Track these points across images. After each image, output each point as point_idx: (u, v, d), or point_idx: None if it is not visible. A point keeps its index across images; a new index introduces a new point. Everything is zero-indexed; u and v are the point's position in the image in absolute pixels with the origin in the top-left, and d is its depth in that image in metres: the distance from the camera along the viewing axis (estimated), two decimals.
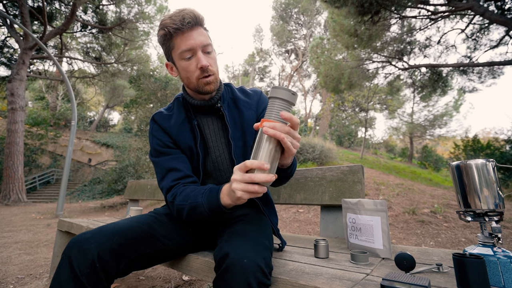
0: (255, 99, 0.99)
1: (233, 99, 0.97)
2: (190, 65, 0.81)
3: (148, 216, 0.86)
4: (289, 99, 0.60)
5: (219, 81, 0.90)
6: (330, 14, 7.62)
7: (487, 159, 0.64)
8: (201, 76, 0.82)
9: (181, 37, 0.79)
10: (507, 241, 2.52)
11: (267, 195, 1.01)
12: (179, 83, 10.79)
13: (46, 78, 13.03)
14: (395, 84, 9.63)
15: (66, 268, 0.62)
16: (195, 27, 0.79)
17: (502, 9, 6.08)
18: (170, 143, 0.91)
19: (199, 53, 0.80)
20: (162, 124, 0.92)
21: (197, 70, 0.81)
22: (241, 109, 0.95)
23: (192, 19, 0.78)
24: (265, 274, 0.60)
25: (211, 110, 0.93)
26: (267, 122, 0.60)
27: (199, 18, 0.80)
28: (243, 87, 1.03)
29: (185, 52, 0.79)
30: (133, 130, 16.61)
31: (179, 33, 0.78)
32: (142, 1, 12.58)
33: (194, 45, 0.79)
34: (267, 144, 0.60)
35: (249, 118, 0.95)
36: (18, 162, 9.34)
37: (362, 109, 17.21)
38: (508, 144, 8.69)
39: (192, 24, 0.78)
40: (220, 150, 0.94)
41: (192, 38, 0.79)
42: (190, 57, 0.81)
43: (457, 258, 0.54)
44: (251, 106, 0.97)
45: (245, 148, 0.93)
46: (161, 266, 1.90)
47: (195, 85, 0.84)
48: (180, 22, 0.77)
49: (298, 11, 22.67)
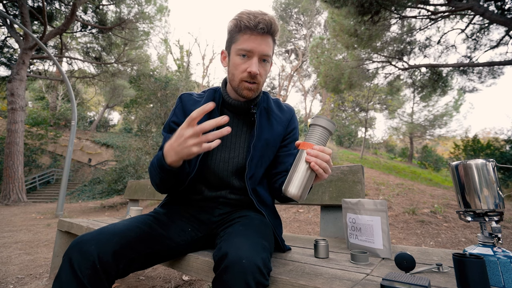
0: (288, 116, 0.99)
1: (267, 109, 0.97)
2: (241, 65, 0.82)
3: (148, 216, 0.86)
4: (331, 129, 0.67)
5: (260, 91, 0.91)
6: (330, 14, 7.62)
7: (487, 159, 0.64)
8: (246, 79, 0.83)
9: (248, 37, 0.80)
10: (507, 241, 2.52)
11: (272, 207, 1.00)
12: (179, 83, 10.79)
13: (46, 78, 13.01)
14: (395, 84, 9.63)
15: (67, 270, 0.62)
16: (265, 35, 0.81)
17: (502, 9, 6.08)
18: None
19: (255, 58, 0.81)
20: (186, 105, 0.94)
21: (245, 72, 0.82)
22: (272, 121, 0.95)
23: (267, 27, 0.79)
24: (263, 274, 0.60)
25: (243, 112, 0.93)
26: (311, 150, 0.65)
27: (273, 29, 0.81)
28: (278, 100, 1.03)
29: (243, 50, 0.81)
30: (133, 130, 16.63)
31: (247, 32, 0.80)
32: (142, 1, 12.58)
33: (254, 50, 0.80)
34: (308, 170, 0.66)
35: (277, 133, 0.95)
36: (18, 162, 9.34)
37: (362, 109, 17.21)
38: (508, 144, 8.70)
39: (264, 31, 0.79)
40: (235, 152, 0.94)
41: (257, 42, 0.80)
42: (246, 58, 0.82)
43: (457, 258, 0.54)
44: (282, 122, 0.97)
45: (261, 160, 0.93)
46: (161, 266, 1.90)
47: (236, 85, 0.85)
48: (254, 24, 0.78)
49: (298, 11, 22.68)
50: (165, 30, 22.65)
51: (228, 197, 0.94)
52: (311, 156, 0.64)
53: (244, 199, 0.95)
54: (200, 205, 0.95)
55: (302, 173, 0.65)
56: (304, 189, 0.65)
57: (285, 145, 0.99)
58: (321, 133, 0.67)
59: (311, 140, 0.67)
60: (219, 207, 0.94)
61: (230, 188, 0.94)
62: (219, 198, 0.94)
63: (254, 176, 0.93)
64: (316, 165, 0.64)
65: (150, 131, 9.92)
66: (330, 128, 0.67)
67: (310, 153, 0.64)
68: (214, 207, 0.94)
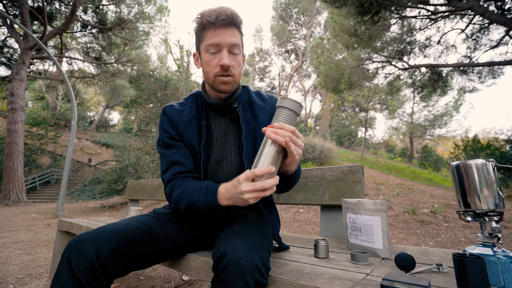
0: (271, 105, 0.99)
1: (249, 101, 0.97)
2: (212, 60, 0.82)
3: (147, 216, 0.86)
4: (295, 109, 0.64)
5: (237, 84, 0.89)
6: (330, 14, 7.61)
7: (487, 159, 0.64)
8: (219, 73, 0.82)
9: (212, 32, 0.80)
10: (507, 241, 2.52)
11: (270, 200, 1.01)
12: (179, 83, 10.78)
13: (46, 78, 13.01)
14: (395, 84, 9.63)
15: (65, 269, 0.62)
16: (228, 27, 0.80)
17: (502, 9, 6.08)
18: (176, 136, 0.92)
19: (224, 51, 0.80)
20: (171, 117, 0.93)
21: (217, 67, 0.81)
22: (256, 112, 0.95)
23: (228, 17, 0.79)
24: (262, 273, 0.60)
25: (226, 110, 0.93)
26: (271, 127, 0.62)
27: (234, 19, 0.81)
28: (259, 91, 1.03)
29: (211, 46, 0.81)
30: (133, 130, 16.62)
31: (211, 27, 0.80)
32: (142, 1, 12.58)
33: (221, 42, 0.80)
34: (271, 148, 0.63)
35: (263, 122, 0.95)
36: (18, 162, 9.34)
37: (362, 109, 17.22)
38: (508, 144, 8.70)
39: (226, 22, 0.79)
40: (227, 151, 0.94)
41: (222, 35, 0.80)
42: (215, 53, 0.81)
43: (457, 258, 0.54)
44: (266, 111, 0.97)
45: (255, 152, 0.93)
46: (161, 266, 1.90)
47: (212, 81, 0.85)
48: (215, 17, 0.78)
49: (298, 11, 22.67)
50: (165, 30, 22.69)
51: None
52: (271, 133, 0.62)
53: None
54: None
55: (266, 152, 0.63)
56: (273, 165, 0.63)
57: None
58: (287, 115, 0.65)
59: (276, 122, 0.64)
60: None
61: None
62: None
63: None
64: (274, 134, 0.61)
65: (150, 131, 9.92)
66: (295, 109, 0.65)
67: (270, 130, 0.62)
68: None
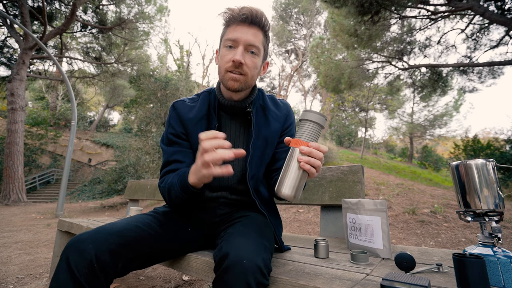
0: (284, 112, 0.97)
1: (263, 106, 0.95)
2: (226, 55, 0.81)
3: (147, 215, 0.85)
4: (321, 122, 0.63)
5: (249, 85, 0.85)
6: (330, 14, 7.62)
7: (487, 159, 0.64)
8: (230, 69, 0.80)
9: (234, 27, 0.80)
10: (507, 241, 2.52)
11: (272, 204, 1.00)
12: (179, 83, 10.78)
13: (46, 78, 13.02)
14: (395, 84, 9.63)
15: (64, 269, 0.62)
16: (251, 25, 0.80)
17: (502, 9, 6.08)
18: (182, 134, 0.91)
19: (240, 47, 0.79)
20: (180, 114, 0.92)
21: (230, 62, 0.80)
22: (269, 119, 0.93)
23: (251, 15, 0.79)
24: (264, 274, 0.60)
25: (239, 112, 0.92)
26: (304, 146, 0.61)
27: (257, 19, 0.80)
28: (273, 96, 1.01)
29: (229, 41, 0.80)
30: (133, 130, 16.62)
31: (233, 23, 0.80)
32: (142, 1, 12.57)
33: (239, 38, 0.79)
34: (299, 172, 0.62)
35: (274, 129, 0.93)
36: (18, 162, 9.34)
37: (362, 109, 17.22)
38: (508, 144, 8.70)
39: (248, 20, 0.79)
40: None
41: (242, 32, 0.79)
42: (231, 48, 0.81)
43: (457, 258, 0.54)
44: (278, 118, 0.95)
45: (261, 159, 0.92)
46: (161, 266, 1.90)
47: (222, 76, 0.83)
48: (238, 14, 0.79)
49: (298, 11, 22.67)
50: (165, 30, 22.67)
51: (229, 197, 0.93)
52: (303, 156, 0.60)
53: (245, 200, 0.94)
54: (200, 205, 0.94)
55: (295, 172, 0.61)
56: (297, 189, 0.62)
57: (282, 141, 0.97)
58: (312, 128, 0.62)
59: (302, 136, 0.62)
60: (220, 207, 0.93)
61: (231, 189, 0.93)
62: (220, 199, 0.93)
63: (255, 176, 0.92)
64: (307, 164, 0.60)
65: (150, 131, 9.92)
66: (321, 122, 0.62)
67: (303, 150, 0.60)
68: (215, 208, 0.93)
